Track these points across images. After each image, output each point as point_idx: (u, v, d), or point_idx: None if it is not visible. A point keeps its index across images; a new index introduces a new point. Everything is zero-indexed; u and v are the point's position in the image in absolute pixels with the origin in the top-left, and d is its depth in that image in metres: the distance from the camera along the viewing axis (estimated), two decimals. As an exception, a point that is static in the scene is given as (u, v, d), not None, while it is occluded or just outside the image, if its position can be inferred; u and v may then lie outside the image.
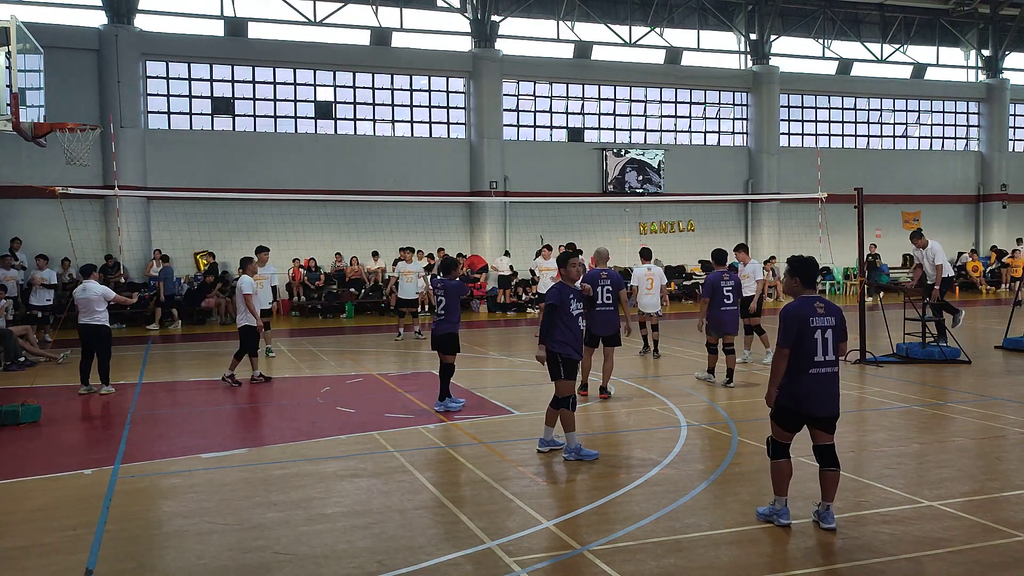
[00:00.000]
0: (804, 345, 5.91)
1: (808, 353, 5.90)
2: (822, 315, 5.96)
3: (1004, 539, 5.77)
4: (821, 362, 5.92)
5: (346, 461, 8.09)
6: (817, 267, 6.22)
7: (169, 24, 25.13)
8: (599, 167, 28.88)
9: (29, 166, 20.98)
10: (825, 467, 6.00)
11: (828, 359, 5.95)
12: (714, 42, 31.26)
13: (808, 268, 6.15)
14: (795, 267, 6.19)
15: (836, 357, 6.00)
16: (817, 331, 5.92)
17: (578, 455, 7.87)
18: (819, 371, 5.92)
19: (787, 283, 6.29)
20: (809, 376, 5.91)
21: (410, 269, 18.20)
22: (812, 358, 5.90)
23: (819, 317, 5.95)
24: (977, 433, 8.87)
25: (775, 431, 6.09)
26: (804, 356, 5.91)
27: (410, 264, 18.24)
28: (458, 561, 5.53)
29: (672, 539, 5.84)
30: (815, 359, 5.90)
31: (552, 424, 8.22)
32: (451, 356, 10.30)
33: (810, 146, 31.72)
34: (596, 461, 7.86)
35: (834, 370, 5.99)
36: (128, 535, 6.18)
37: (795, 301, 6.07)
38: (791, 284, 6.21)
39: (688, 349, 16.15)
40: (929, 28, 33.53)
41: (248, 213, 23.25)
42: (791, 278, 6.20)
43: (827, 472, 5.99)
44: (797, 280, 6.16)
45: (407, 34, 27.39)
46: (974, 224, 34.38)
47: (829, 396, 5.97)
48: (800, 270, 6.16)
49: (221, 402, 11.60)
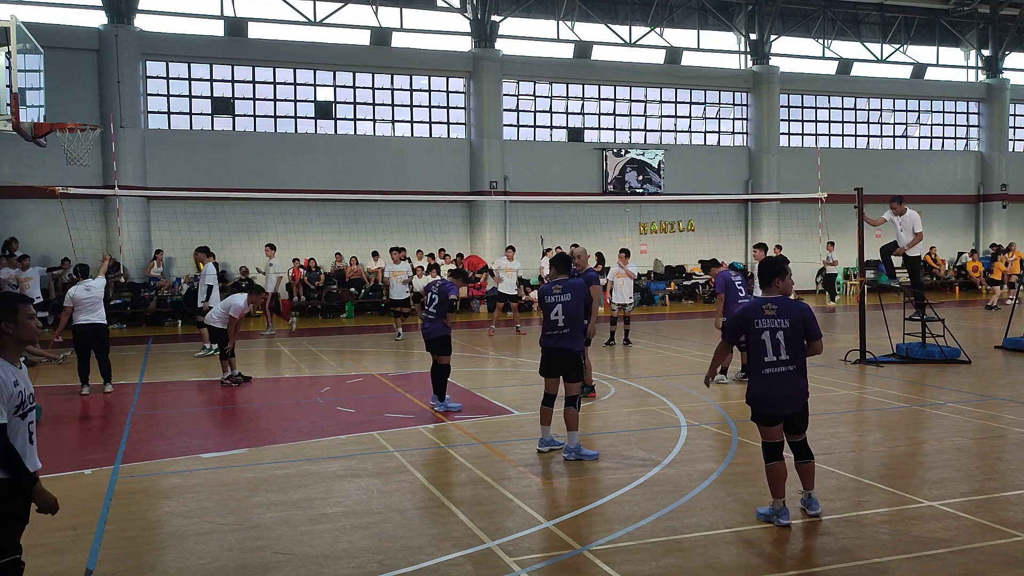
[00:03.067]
0: (753, 346, 6.07)
1: (758, 354, 6.05)
2: (771, 316, 6.02)
3: (1004, 539, 5.77)
4: (773, 362, 6.01)
5: (346, 461, 8.08)
6: (777, 268, 6.22)
7: (169, 24, 25.17)
8: (599, 167, 28.88)
9: (29, 166, 20.98)
10: (799, 459, 6.19)
11: (781, 359, 6.00)
12: (714, 42, 31.27)
13: (765, 269, 6.27)
14: (759, 267, 6.42)
15: (794, 356, 6.02)
16: (765, 332, 6.01)
17: (578, 455, 7.87)
18: (771, 371, 6.02)
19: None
20: (761, 376, 6.05)
21: (398, 270, 18.60)
22: (763, 358, 6.03)
23: (766, 319, 6.03)
24: (977, 433, 8.87)
25: (760, 431, 6.18)
26: (755, 357, 6.07)
27: (397, 265, 18.59)
28: (458, 561, 5.53)
29: (672, 539, 5.84)
30: (765, 359, 6.02)
31: (548, 423, 8.21)
32: (446, 357, 10.40)
33: (810, 146, 31.72)
34: (596, 461, 7.86)
35: (789, 369, 6.02)
36: (128, 535, 6.18)
37: (749, 301, 6.31)
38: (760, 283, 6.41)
39: (688, 349, 16.15)
40: (929, 28, 33.53)
41: (248, 213, 23.26)
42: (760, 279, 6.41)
43: (801, 464, 6.19)
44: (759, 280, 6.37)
45: (407, 34, 27.40)
46: (974, 224, 34.38)
47: (785, 395, 6.02)
48: (760, 270, 6.34)
49: (221, 402, 11.60)
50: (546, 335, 8.14)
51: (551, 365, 8.15)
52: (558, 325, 8.03)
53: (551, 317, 8.05)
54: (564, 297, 8.02)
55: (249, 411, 11.13)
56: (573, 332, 8.05)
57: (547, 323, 8.11)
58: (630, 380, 12.41)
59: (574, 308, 8.03)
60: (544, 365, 8.22)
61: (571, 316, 8.02)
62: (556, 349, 8.07)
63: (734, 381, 12.06)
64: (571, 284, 8.14)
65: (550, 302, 8.06)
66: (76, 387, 12.14)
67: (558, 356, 8.08)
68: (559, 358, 8.08)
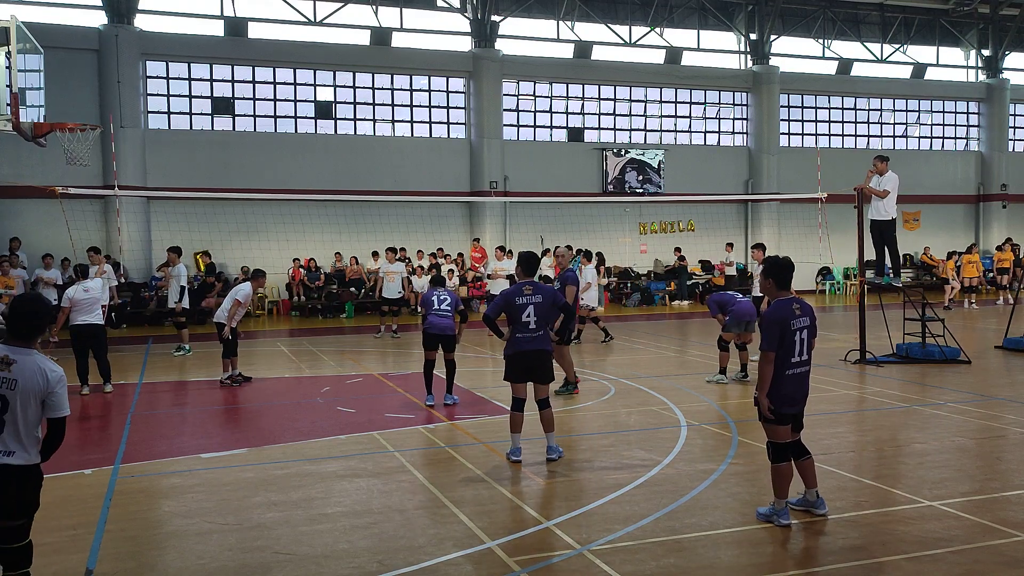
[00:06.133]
0: (785, 347, 6.05)
1: (787, 355, 6.06)
2: (799, 316, 6.10)
3: (1004, 539, 5.77)
4: (797, 362, 6.09)
5: (346, 461, 8.08)
6: (791, 269, 6.27)
7: (169, 24, 25.16)
8: (599, 167, 28.88)
9: (29, 166, 20.96)
10: (800, 457, 6.21)
11: (803, 359, 6.13)
12: (714, 42, 31.27)
13: (782, 270, 6.24)
14: (769, 268, 6.28)
15: (809, 356, 6.18)
16: (796, 332, 6.07)
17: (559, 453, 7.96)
18: (795, 371, 6.09)
19: (762, 283, 6.40)
20: (787, 377, 6.07)
21: (392, 269, 18.98)
22: (790, 359, 6.06)
23: (798, 319, 6.09)
24: (977, 433, 8.87)
25: (776, 433, 6.12)
26: (783, 358, 6.06)
27: (392, 265, 19.04)
28: (458, 561, 5.53)
29: (672, 539, 5.84)
30: (792, 360, 6.07)
31: (520, 430, 7.97)
32: (452, 353, 10.76)
33: (810, 146, 31.72)
34: (595, 460, 7.87)
35: (807, 369, 6.18)
36: (128, 535, 6.18)
37: (774, 305, 6.17)
38: (766, 285, 6.31)
39: (688, 349, 16.16)
40: (929, 28, 33.53)
41: (248, 213, 23.27)
42: (765, 279, 6.30)
43: (803, 462, 6.21)
44: (771, 281, 6.24)
45: (407, 34, 27.40)
46: (974, 224, 34.38)
47: (802, 394, 6.20)
48: (773, 271, 6.24)
49: (221, 402, 11.60)
50: (516, 338, 7.87)
51: (524, 368, 7.91)
52: (530, 327, 7.83)
53: (523, 319, 7.82)
54: (535, 298, 7.83)
55: (249, 411, 11.12)
56: (544, 333, 7.96)
57: (518, 326, 7.85)
58: (630, 380, 12.41)
59: (545, 310, 7.89)
60: (515, 370, 7.93)
61: (542, 318, 7.87)
62: (529, 352, 7.87)
63: (734, 381, 12.06)
64: (542, 287, 7.99)
65: (521, 303, 7.82)
66: (76, 387, 12.11)
67: (532, 358, 7.89)
68: (533, 360, 7.89)
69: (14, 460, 4.38)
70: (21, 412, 4.39)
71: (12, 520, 4.41)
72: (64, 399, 4.51)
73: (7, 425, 4.38)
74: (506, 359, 8.01)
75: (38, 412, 4.47)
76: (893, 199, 13.50)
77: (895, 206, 13.62)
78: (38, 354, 4.56)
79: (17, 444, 4.40)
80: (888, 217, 13.57)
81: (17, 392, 4.39)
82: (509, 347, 7.96)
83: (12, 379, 4.39)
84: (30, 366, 4.45)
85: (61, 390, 4.50)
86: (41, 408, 4.47)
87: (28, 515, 4.48)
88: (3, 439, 4.38)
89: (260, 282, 13.08)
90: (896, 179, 13.48)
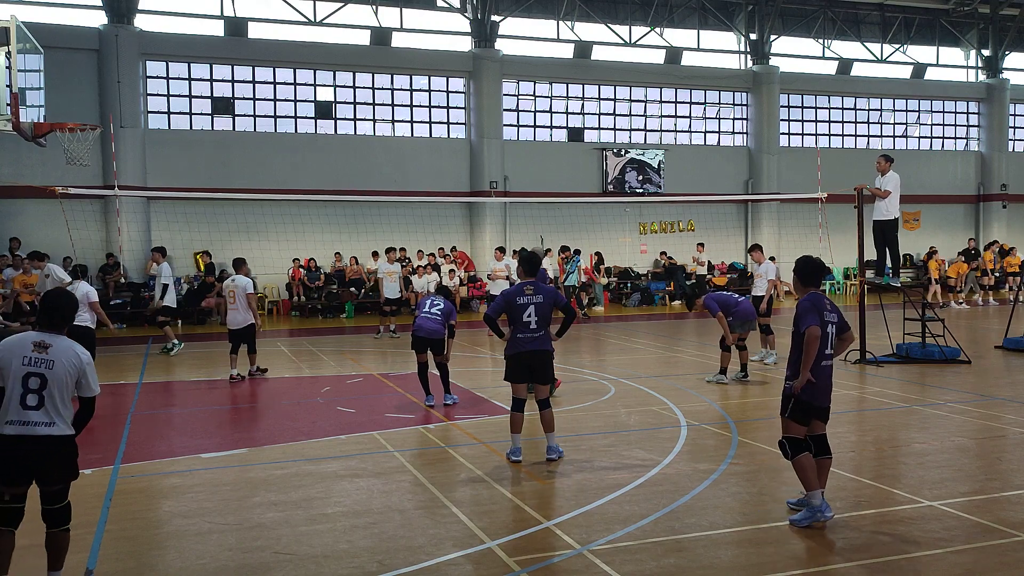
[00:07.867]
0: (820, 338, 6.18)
1: (822, 347, 6.17)
2: (830, 311, 6.30)
3: (1004, 539, 5.77)
4: (827, 355, 6.26)
5: (346, 461, 8.08)
6: (818, 270, 6.45)
7: (169, 24, 25.15)
8: (599, 167, 28.88)
9: (29, 166, 20.98)
10: (821, 455, 6.24)
11: (829, 352, 6.29)
12: (714, 42, 31.26)
13: (806, 267, 6.45)
14: (797, 266, 6.51)
15: (833, 352, 6.36)
16: (828, 325, 6.24)
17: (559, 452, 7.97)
18: (826, 364, 6.24)
19: (794, 280, 6.54)
20: (820, 368, 6.18)
21: (391, 269, 19.12)
22: (824, 351, 6.19)
23: (829, 312, 6.28)
24: (977, 433, 8.87)
25: (792, 428, 6.16)
26: (820, 349, 6.17)
27: (391, 265, 19.19)
28: (458, 561, 5.53)
29: (672, 539, 5.84)
30: (825, 352, 6.21)
31: (520, 430, 7.99)
32: (442, 356, 10.86)
33: (810, 146, 31.71)
34: (595, 460, 7.87)
35: (832, 362, 6.36)
36: (128, 535, 6.19)
37: (809, 295, 6.31)
38: (795, 282, 6.51)
39: (688, 349, 16.15)
40: (929, 28, 33.53)
41: (248, 213, 23.27)
42: (795, 276, 6.51)
43: (824, 460, 6.25)
44: (796, 277, 6.47)
45: (407, 34, 27.40)
46: (974, 224, 34.37)
47: (830, 387, 6.32)
48: (800, 269, 6.48)
49: (221, 402, 11.60)
50: (517, 338, 7.85)
51: (524, 368, 7.89)
52: (531, 327, 7.82)
53: (524, 319, 7.80)
54: (536, 298, 7.82)
55: (249, 411, 11.13)
56: (546, 333, 7.95)
57: (519, 326, 7.83)
58: (630, 380, 12.41)
59: (546, 309, 7.87)
60: (515, 370, 7.92)
61: (543, 317, 7.87)
62: (531, 352, 7.86)
63: (734, 381, 12.07)
64: (542, 287, 7.97)
65: (522, 303, 7.81)
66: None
67: (534, 358, 7.89)
68: (535, 360, 7.90)
69: (55, 431, 4.99)
70: (58, 390, 4.99)
71: (54, 485, 5.06)
72: (94, 379, 5.17)
73: (47, 400, 4.97)
74: (507, 359, 8.02)
75: (72, 389, 5.08)
76: (896, 199, 13.55)
77: (898, 206, 13.69)
78: (69, 339, 5.16)
79: (57, 416, 5.00)
80: (891, 217, 13.65)
81: (55, 372, 4.99)
82: (510, 347, 7.96)
83: (50, 360, 5.01)
84: (64, 349, 5.07)
85: (91, 371, 5.14)
86: (75, 387, 5.09)
87: (66, 480, 5.11)
88: (45, 412, 4.97)
89: (246, 268, 13.72)
90: (897, 179, 13.54)
